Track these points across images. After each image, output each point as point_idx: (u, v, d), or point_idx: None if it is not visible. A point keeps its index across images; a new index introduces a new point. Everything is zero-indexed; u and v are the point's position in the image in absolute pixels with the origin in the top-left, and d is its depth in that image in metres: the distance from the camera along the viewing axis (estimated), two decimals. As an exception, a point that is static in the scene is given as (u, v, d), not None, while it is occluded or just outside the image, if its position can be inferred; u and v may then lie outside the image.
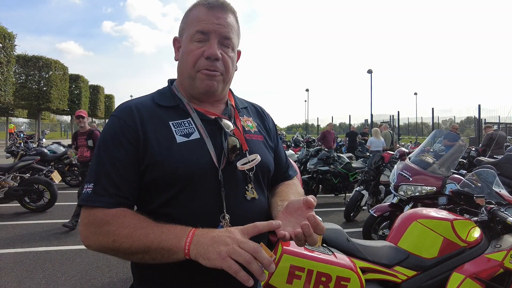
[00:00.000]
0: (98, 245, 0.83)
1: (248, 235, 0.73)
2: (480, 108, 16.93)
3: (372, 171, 5.57)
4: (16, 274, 3.44)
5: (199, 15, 0.93)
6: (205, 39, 0.91)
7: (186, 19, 0.97)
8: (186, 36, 0.95)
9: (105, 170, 0.85)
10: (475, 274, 1.87)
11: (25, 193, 5.72)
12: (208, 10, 0.92)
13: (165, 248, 0.76)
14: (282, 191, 1.04)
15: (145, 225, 0.80)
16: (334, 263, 1.64)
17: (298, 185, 1.14)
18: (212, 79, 0.92)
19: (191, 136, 0.89)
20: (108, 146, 0.87)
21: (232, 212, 0.87)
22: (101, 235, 0.82)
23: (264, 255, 0.69)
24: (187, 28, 0.95)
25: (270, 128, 1.12)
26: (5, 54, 13.75)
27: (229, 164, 0.90)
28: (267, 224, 0.74)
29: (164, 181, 0.85)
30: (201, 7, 0.94)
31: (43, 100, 19.04)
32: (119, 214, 0.83)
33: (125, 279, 3.38)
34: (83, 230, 0.85)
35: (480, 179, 2.77)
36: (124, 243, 0.79)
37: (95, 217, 0.83)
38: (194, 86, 0.94)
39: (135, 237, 0.78)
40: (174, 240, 0.75)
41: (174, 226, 0.78)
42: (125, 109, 0.91)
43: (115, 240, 0.79)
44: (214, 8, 0.92)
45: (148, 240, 0.77)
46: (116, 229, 0.80)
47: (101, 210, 0.83)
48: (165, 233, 0.77)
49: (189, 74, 0.93)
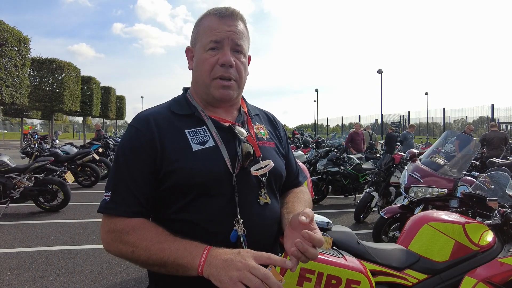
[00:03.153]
0: (118, 252, 0.87)
1: (260, 262, 0.75)
2: (493, 108, 16.60)
3: (382, 172, 5.52)
4: (31, 272, 3.54)
5: (210, 24, 0.96)
6: (218, 47, 0.95)
7: (198, 29, 1.00)
8: (199, 45, 0.98)
9: (123, 179, 0.89)
10: (488, 279, 1.84)
11: (40, 193, 5.85)
12: (219, 19, 0.96)
13: (180, 264, 0.79)
14: (289, 201, 1.07)
15: (163, 239, 0.83)
16: (344, 266, 1.65)
17: (306, 192, 1.17)
18: (227, 88, 0.96)
19: (206, 144, 0.92)
20: (127, 155, 0.91)
21: (245, 217, 0.90)
22: (121, 244, 0.85)
23: (273, 280, 0.71)
24: (199, 38, 0.98)
25: (281, 136, 1.14)
26: (20, 57, 14.07)
27: (243, 170, 0.93)
28: (281, 261, 0.76)
29: (181, 188, 0.88)
30: (212, 16, 0.97)
31: (56, 102, 19.40)
32: (139, 226, 0.86)
33: (137, 279, 3.44)
34: (104, 237, 0.89)
35: (492, 181, 2.72)
36: (142, 255, 0.83)
37: (116, 226, 0.87)
38: (210, 93, 0.97)
39: (153, 251, 0.82)
40: (189, 257, 0.79)
41: (190, 243, 0.81)
42: (142, 119, 0.94)
43: (134, 251, 0.84)
44: (224, 17, 0.96)
45: (165, 255, 0.80)
46: (135, 241, 0.83)
47: (121, 220, 0.87)
48: (181, 250, 0.80)
49: (205, 82, 0.97)
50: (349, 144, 9.76)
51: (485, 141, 8.48)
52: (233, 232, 0.87)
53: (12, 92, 13.48)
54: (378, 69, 24.06)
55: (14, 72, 13.58)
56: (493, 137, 8.41)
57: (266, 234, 0.96)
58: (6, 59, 13.08)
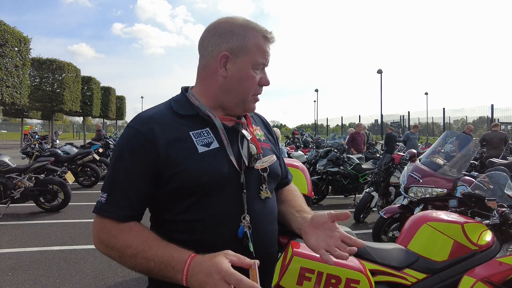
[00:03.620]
0: (106, 254, 0.90)
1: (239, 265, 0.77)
2: (493, 108, 16.61)
3: (382, 172, 5.53)
4: (32, 272, 3.55)
5: (261, 44, 0.97)
6: (261, 68, 1.00)
7: (244, 41, 0.95)
8: (247, 60, 0.96)
9: (120, 182, 0.89)
10: (487, 278, 1.85)
11: (40, 193, 5.86)
12: (266, 42, 0.99)
13: (166, 277, 0.82)
14: (291, 200, 1.11)
15: (147, 247, 0.84)
16: (344, 265, 1.66)
17: (296, 189, 1.24)
18: (256, 103, 1.03)
19: (211, 146, 0.93)
20: (124, 158, 0.90)
21: (251, 212, 0.92)
22: (108, 248, 0.88)
23: (245, 285, 0.72)
24: (249, 53, 0.96)
25: (274, 138, 1.20)
26: (20, 58, 14.07)
27: (248, 168, 0.96)
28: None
29: (187, 190, 0.89)
30: (260, 36, 0.98)
31: (56, 102, 19.40)
32: (126, 230, 0.87)
33: (137, 279, 3.45)
34: (95, 236, 0.91)
35: (492, 181, 2.73)
36: (128, 262, 0.86)
37: (105, 227, 0.88)
38: (242, 106, 1.01)
39: (138, 259, 0.84)
40: (171, 272, 0.81)
41: (171, 256, 0.82)
42: (144, 121, 0.92)
43: (121, 256, 0.86)
44: (270, 41, 1.00)
45: (149, 266, 0.83)
46: (121, 247, 0.86)
47: (111, 222, 0.88)
48: (164, 263, 0.82)
49: (244, 96, 0.99)
50: (350, 144, 9.70)
51: (485, 141, 8.48)
52: (241, 227, 0.90)
53: (13, 92, 13.48)
54: (378, 69, 24.09)
55: (15, 72, 13.58)
56: (493, 137, 8.40)
57: (268, 230, 0.99)
58: (6, 60, 13.09)
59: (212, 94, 0.99)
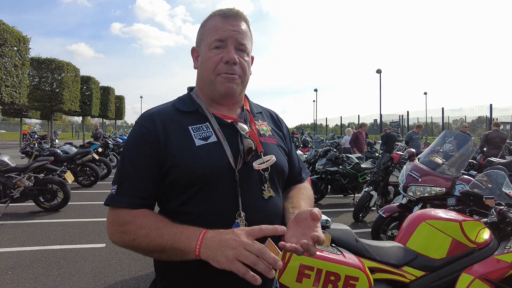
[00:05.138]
0: (121, 242, 0.91)
1: (254, 237, 0.77)
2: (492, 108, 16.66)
3: (381, 171, 5.56)
4: (32, 271, 3.55)
5: (215, 24, 1.00)
6: (222, 46, 0.98)
7: (203, 29, 1.03)
8: (204, 45, 1.01)
9: (128, 174, 0.93)
10: (485, 275, 1.87)
11: (39, 193, 5.87)
12: (224, 19, 0.99)
13: (178, 249, 0.82)
14: (294, 196, 1.09)
15: (162, 225, 0.86)
16: (343, 262, 1.67)
17: (309, 188, 1.20)
18: (232, 82, 0.99)
19: (208, 140, 0.95)
20: (131, 151, 0.95)
21: (248, 210, 0.92)
22: (123, 233, 0.89)
23: (269, 255, 0.72)
24: (204, 38, 1.02)
25: (284, 133, 1.18)
26: (19, 57, 14.03)
27: (246, 164, 0.96)
28: (272, 229, 0.78)
29: (184, 182, 0.91)
30: (216, 17, 1.01)
31: (55, 102, 19.35)
32: (139, 214, 0.90)
33: (137, 278, 3.46)
34: (109, 228, 0.93)
35: (490, 180, 2.75)
36: (143, 242, 0.86)
37: (119, 217, 0.91)
38: (215, 90, 1.00)
39: (152, 237, 0.85)
40: (186, 242, 0.81)
41: (187, 228, 0.84)
42: (147, 117, 0.98)
43: (135, 239, 0.87)
44: (229, 17, 1.00)
45: (163, 241, 0.84)
46: (136, 229, 0.87)
47: (124, 211, 0.91)
48: (178, 234, 0.83)
49: (209, 79, 1.00)
50: (353, 144, 9.72)
51: (487, 141, 8.48)
52: (235, 224, 0.90)
53: (12, 92, 13.45)
54: (377, 69, 24.20)
55: (14, 72, 13.55)
56: (495, 137, 8.41)
57: None
58: (5, 59, 13.05)
59: (200, 89, 1.06)
